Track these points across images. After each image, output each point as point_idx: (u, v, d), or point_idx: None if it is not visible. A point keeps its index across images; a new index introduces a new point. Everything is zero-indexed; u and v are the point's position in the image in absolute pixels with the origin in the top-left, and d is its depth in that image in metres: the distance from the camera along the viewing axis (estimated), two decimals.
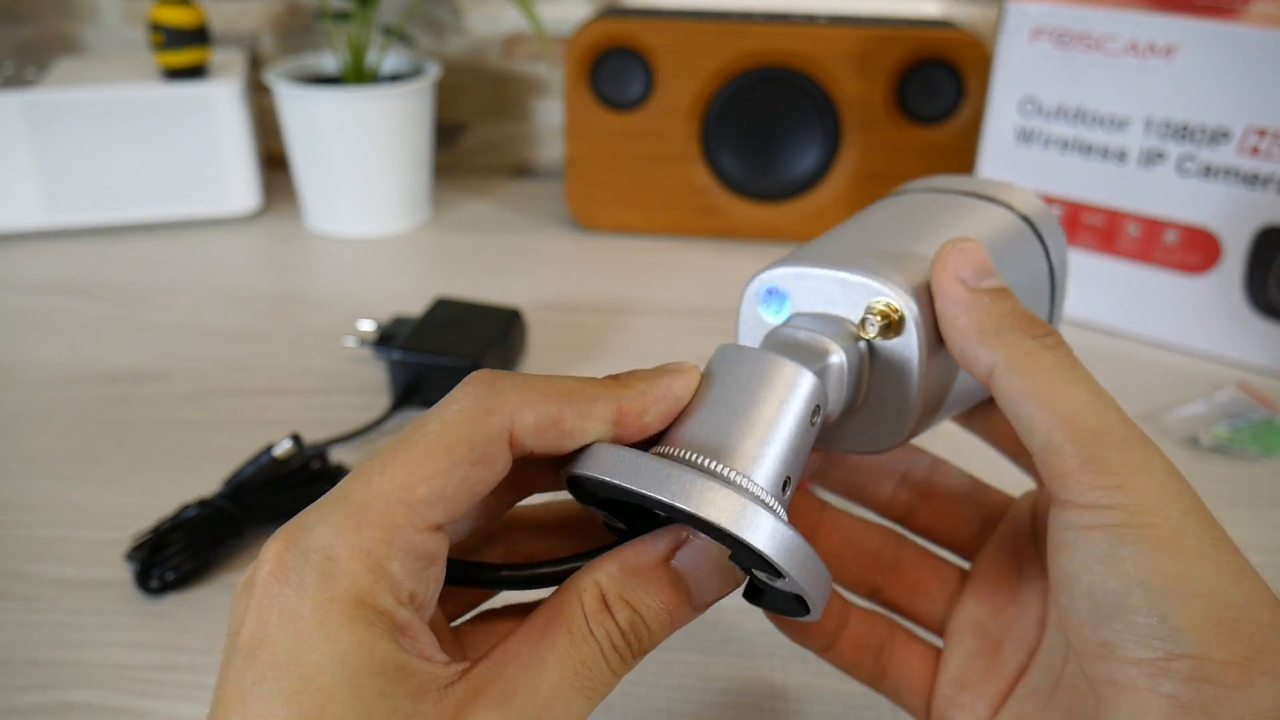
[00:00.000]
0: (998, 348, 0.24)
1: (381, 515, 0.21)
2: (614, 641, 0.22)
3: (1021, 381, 0.23)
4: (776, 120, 0.70)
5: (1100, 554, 0.22)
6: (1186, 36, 0.54)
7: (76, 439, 0.49)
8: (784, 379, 0.24)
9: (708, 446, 0.23)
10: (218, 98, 0.71)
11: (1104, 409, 0.23)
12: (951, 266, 0.25)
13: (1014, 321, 0.24)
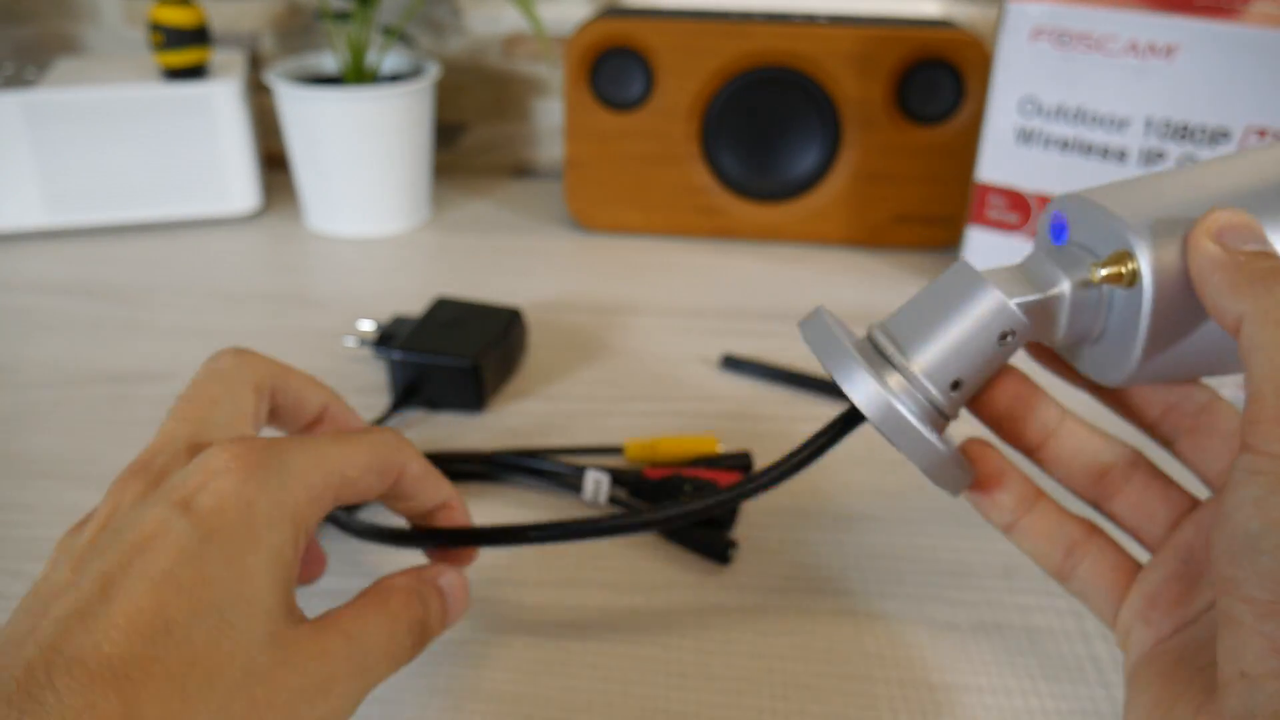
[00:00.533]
0: (1248, 298, 0.25)
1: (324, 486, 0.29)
2: (411, 626, 0.30)
3: (1261, 333, 0.24)
4: (776, 120, 0.70)
5: (1255, 497, 0.23)
6: (1187, 36, 0.54)
7: (76, 439, 0.49)
8: (977, 299, 0.28)
9: (897, 334, 0.29)
10: (218, 98, 0.71)
11: None
12: (1212, 227, 0.26)
13: (1270, 275, 0.25)
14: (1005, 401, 0.31)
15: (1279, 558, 0.23)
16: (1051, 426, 0.32)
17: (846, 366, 0.28)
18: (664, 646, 0.38)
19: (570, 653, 0.37)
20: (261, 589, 0.26)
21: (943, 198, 0.70)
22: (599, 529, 0.33)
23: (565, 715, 0.34)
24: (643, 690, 0.36)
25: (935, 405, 0.29)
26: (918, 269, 0.70)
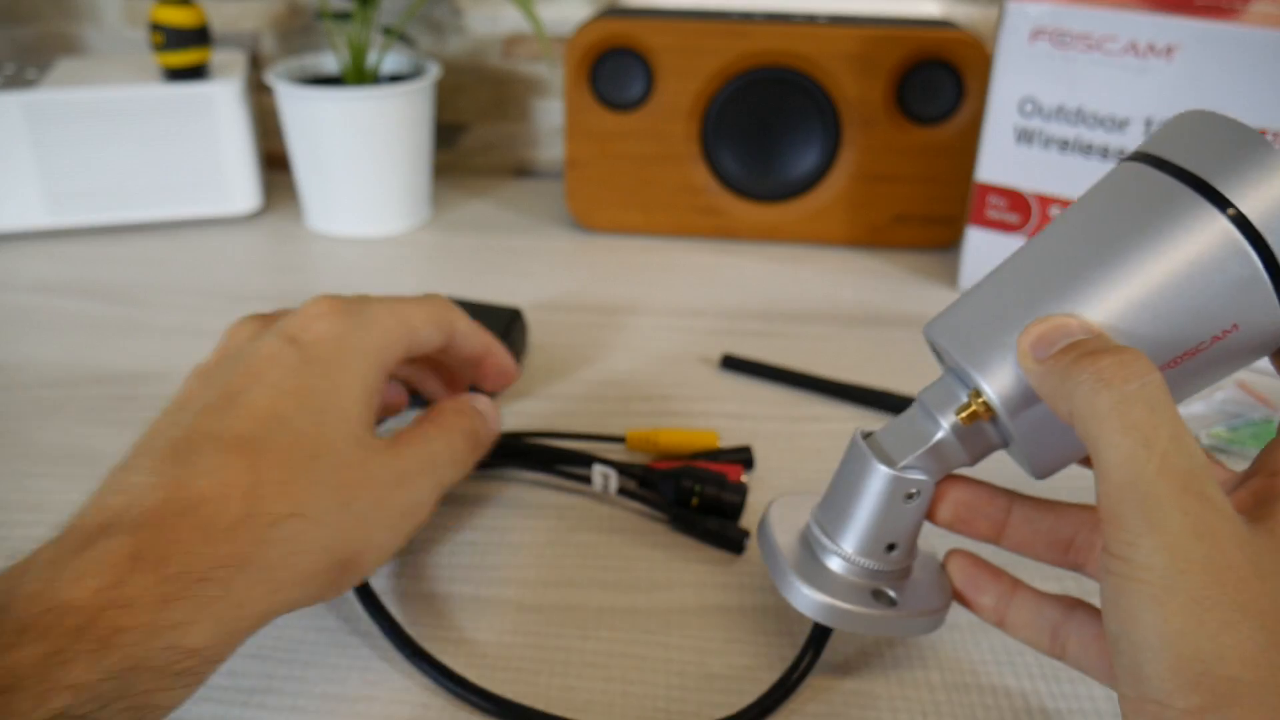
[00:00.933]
0: (1060, 401, 0.26)
1: (405, 325, 0.37)
2: (465, 436, 0.39)
3: (1079, 431, 0.26)
4: (776, 120, 0.70)
5: (1110, 598, 0.25)
6: (1186, 37, 0.54)
7: (77, 439, 0.49)
8: (872, 478, 0.31)
9: (825, 522, 0.34)
10: (218, 98, 0.71)
11: (1134, 460, 0.24)
12: (1026, 350, 0.28)
13: (1077, 371, 0.26)
14: (947, 515, 0.33)
15: (1134, 659, 0.24)
16: (1000, 517, 0.33)
17: (787, 583, 0.33)
18: (664, 646, 0.38)
19: (570, 653, 0.37)
20: (349, 402, 0.33)
21: (943, 198, 0.70)
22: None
23: (565, 715, 0.35)
24: (643, 690, 0.36)
25: (880, 571, 0.33)
26: (918, 269, 0.70)
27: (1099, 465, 0.25)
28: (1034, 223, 0.62)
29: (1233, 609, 0.23)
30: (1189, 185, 0.26)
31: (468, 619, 0.39)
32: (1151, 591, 0.24)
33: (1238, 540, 0.24)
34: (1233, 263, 0.26)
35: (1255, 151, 0.26)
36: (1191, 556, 0.24)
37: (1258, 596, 0.23)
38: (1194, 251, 0.26)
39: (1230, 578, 0.23)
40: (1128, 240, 0.27)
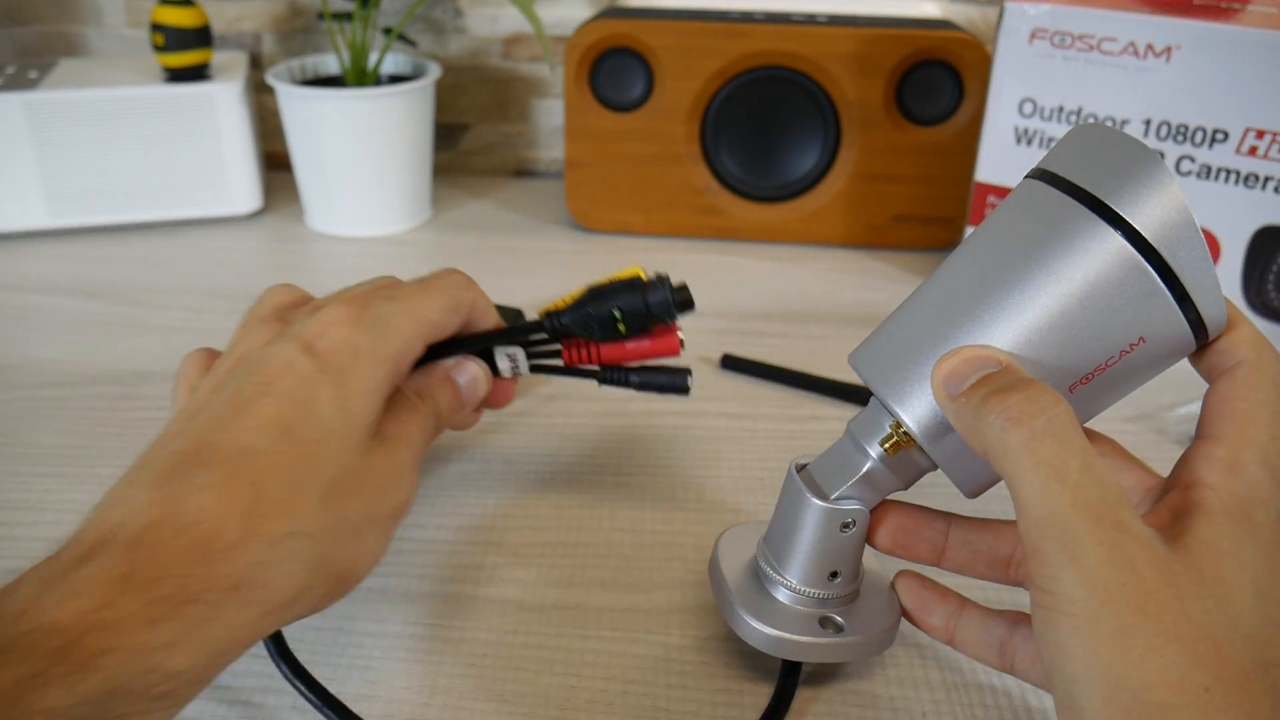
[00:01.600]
0: (977, 442, 0.27)
1: (421, 321, 0.37)
2: (428, 416, 0.37)
3: (994, 462, 0.26)
4: (776, 120, 0.70)
5: (1040, 632, 0.25)
6: (1185, 38, 0.54)
7: (78, 439, 0.50)
8: (807, 512, 0.32)
9: (771, 553, 0.35)
10: (219, 98, 0.71)
11: (1049, 494, 0.25)
12: (939, 387, 0.28)
13: (993, 403, 0.26)
14: (886, 540, 0.34)
15: (1066, 691, 0.25)
16: (939, 539, 0.34)
17: (734, 618, 0.34)
18: (664, 646, 0.38)
19: (570, 653, 0.37)
20: (359, 410, 0.33)
21: (942, 198, 0.71)
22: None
23: (565, 715, 0.35)
24: (643, 690, 0.36)
25: (827, 599, 0.34)
26: (918, 269, 0.70)
27: (1016, 501, 0.26)
28: None
29: (1156, 635, 0.24)
30: (1084, 204, 0.27)
31: (468, 618, 0.39)
32: (1077, 624, 0.24)
33: (1155, 564, 0.24)
34: (1131, 279, 0.26)
35: (1146, 167, 0.26)
36: (1111, 587, 0.24)
37: (1178, 620, 0.24)
38: (1094, 270, 0.27)
39: (1151, 604, 0.24)
40: (1030, 262, 0.27)
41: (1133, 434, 0.51)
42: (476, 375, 0.40)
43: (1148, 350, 0.27)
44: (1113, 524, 0.24)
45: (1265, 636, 0.25)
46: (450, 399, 0.39)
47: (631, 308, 0.38)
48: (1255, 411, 0.27)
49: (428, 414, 0.37)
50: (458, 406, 0.39)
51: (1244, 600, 0.25)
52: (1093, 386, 0.28)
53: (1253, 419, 0.27)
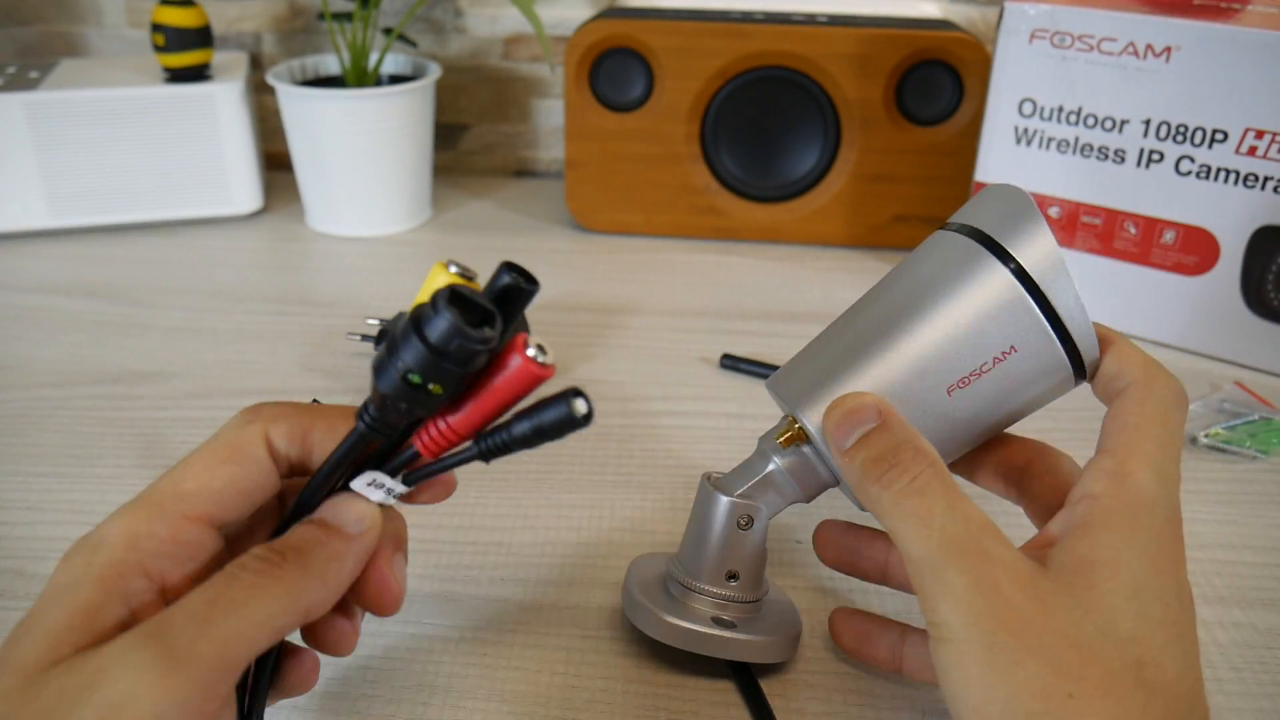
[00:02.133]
0: (861, 499, 0.30)
1: (152, 503, 0.26)
2: (243, 560, 0.26)
3: (880, 517, 0.29)
4: (776, 120, 0.70)
5: (933, 664, 0.27)
6: (1185, 38, 0.54)
7: (78, 438, 0.50)
8: (711, 506, 0.34)
9: (685, 561, 0.36)
10: (220, 98, 0.71)
11: (921, 539, 0.28)
12: (829, 437, 0.31)
13: (869, 471, 0.30)
14: (830, 554, 0.37)
15: (956, 712, 0.27)
16: (881, 558, 0.36)
17: (632, 607, 0.36)
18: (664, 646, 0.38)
19: (571, 652, 0.37)
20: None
21: (942, 198, 0.71)
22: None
23: (565, 715, 0.35)
24: (642, 690, 0.36)
25: (724, 599, 0.35)
26: None
27: (900, 549, 0.28)
28: None
29: (1018, 649, 0.26)
30: (968, 237, 0.32)
31: (469, 618, 0.39)
32: (953, 648, 0.26)
33: (1020, 584, 0.27)
34: (1000, 291, 0.31)
35: (1028, 215, 0.31)
36: (977, 609, 0.26)
37: (1042, 633, 0.26)
38: (969, 285, 0.31)
39: (1014, 621, 0.26)
40: (921, 282, 0.32)
41: None
42: (360, 514, 0.28)
43: (1021, 360, 0.31)
44: (977, 554, 0.27)
45: (1142, 636, 0.26)
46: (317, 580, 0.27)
47: (420, 359, 0.25)
48: (1144, 424, 0.29)
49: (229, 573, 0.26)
50: (330, 589, 0.27)
51: (1117, 605, 0.26)
52: (971, 390, 0.31)
53: (1141, 431, 0.29)
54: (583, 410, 0.25)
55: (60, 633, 0.24)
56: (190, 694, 0.23)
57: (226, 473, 0.27)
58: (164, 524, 0.26)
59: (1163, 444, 0.29)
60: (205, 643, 0.23)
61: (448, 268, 0.28)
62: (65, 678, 0.23)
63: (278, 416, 0.28)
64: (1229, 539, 0.44)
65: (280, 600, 0.25)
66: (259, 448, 0.28)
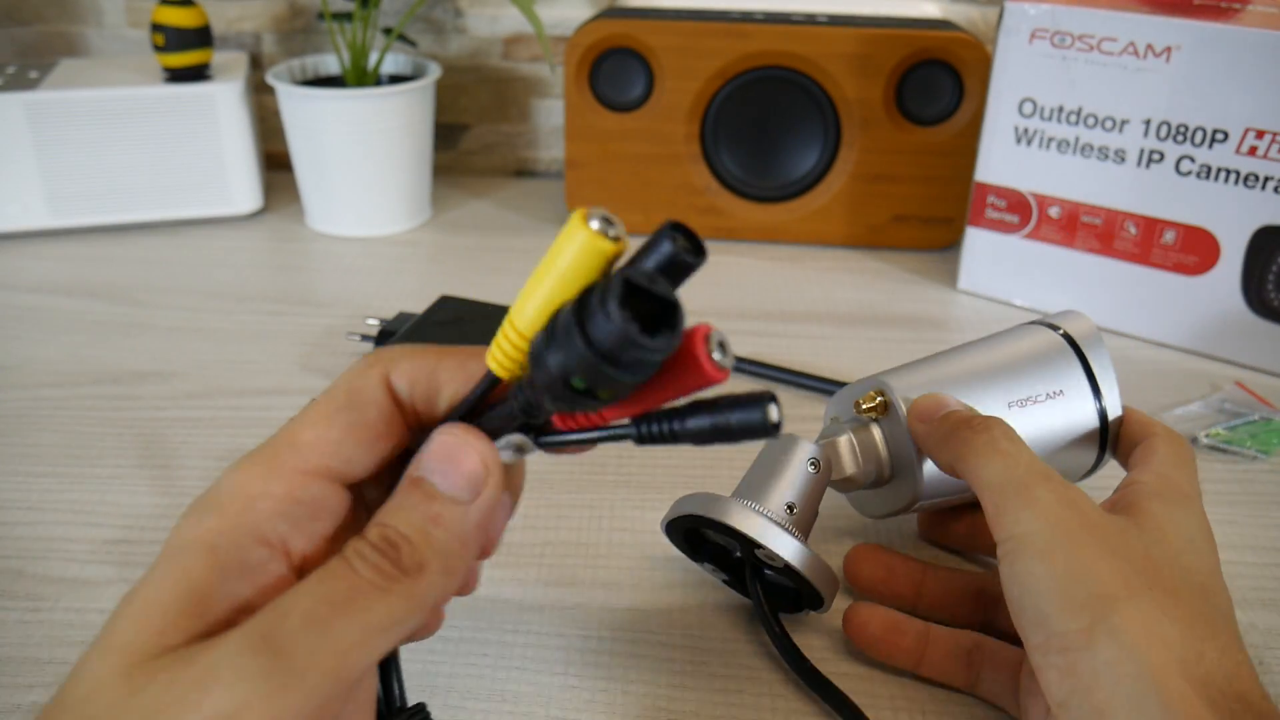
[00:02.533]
0: (944, 453, 0.35)
1: (268, 455, 0.24)
2: (360, 550, 0.23)
3: (962, 468, 0.33)
4: (776, 120, 0.70)
5: (1008, 572, 0.30)
6: (1185, 38, 0.54)
7: (78, 438, 0.50)
8: (789, 445, 0.38)
9: (747, 489, 0.38)
10: (219, 98, 0.71)
11: (1007, 468, 0.32)
12: (913, 416, 0.37)
13: (953, 428, 0.34)
14: (866, 575, 0.39)
15: (1034, 605, 0.29)
16: (917, 577, 0.39)
17: (695, 503, 0.37)
18: (664, 646, 0.38)
19: (570, 652, 0.37)
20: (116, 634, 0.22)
21: (942, 198, 0.71)
22: None
23: (565, 715, 0.35)
24: (642, 690, 0.36)
25: (785, 524, 0.36)
26: (917, 269, 0.70)
27: (980, 486, 0.32)
28: (1033, 223, 0.62)
29: (1100, 548, 0.29)
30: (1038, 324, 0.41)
31: (468, 618, 0.39)
32: (1037, 550, 0.29)
33: (1096, 509, 0.31)
34: (1062, 353, 0.39)
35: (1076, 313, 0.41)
36: (1063, 517, 0.30)
37: (1119, 544, 0.30)
38: (1041, 347, 0.40)
39: (1095, 529, 0.30)
40: (1003, 342, 0.41)
41: None
42: (463, 456, 0.24)
43: (1064, 403, 0.38)
44: (1059, 483, 0.31)
45: (1202, 569, 0.30)
46: (406, 512, 0.24)
47: (585, 364, 0.21)
48: (1168, 454, 0.35)
49: (341, 570, 0.23)
50: (428, 521, 0.23)
51: (1179, 546, 0.31)
52: (1025, 412, 0.38)
53: (1165, 456, 0.35)
54: (775, 419, 0.22)
55: (170, 615, 0.22)
56: (307, 709, 0.21)
57: (344, 419, 0.24)
58: (280, 481, 0.24)
59: (1187, 465, 0.35)
60: (324, 654, 0.21)
61: (588, 220, 0.22)
62: (173, 674, 0.21)
63: (399, 358, 0.25)
64: (1229, 539, 0.44)
65: (405, 603, 0.22)
66: (379, 391, 0.25)
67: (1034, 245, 0.63)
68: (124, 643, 0.22)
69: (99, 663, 0.22)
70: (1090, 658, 0.27)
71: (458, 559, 0.24)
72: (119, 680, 0.21)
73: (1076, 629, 0.28)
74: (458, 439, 0.24)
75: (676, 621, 0.39)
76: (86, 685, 0.21)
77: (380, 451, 0.25)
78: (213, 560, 0.23)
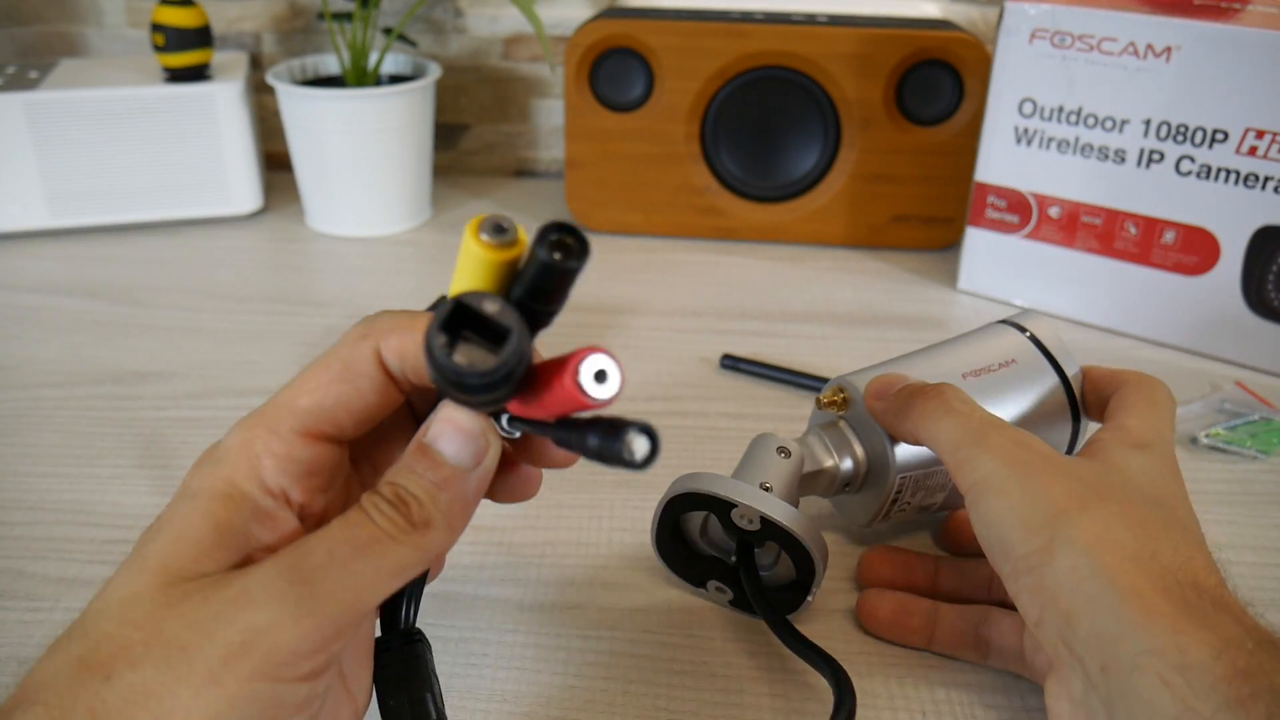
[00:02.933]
0: (904, 424, 0.36)
1: (269, 418, 0.27)
2: (378, 505, 0.25)
3: (921, 435, 0.35)
4: (776, 120, 0.70)
5: (974, 514, 0.32)
6: (1185, 38, 0.54)
7: (78, 438, 0.50)
8: (759, 440, 0.39)
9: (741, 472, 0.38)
10: (219, 98, 0.71)
11: (961, 425, 0.33)
12: (869, 394, 0.38)
13: (908, 398, 0.36)
14: (881, 573, 0.40)
15: (999, 538, 0.31)
16: (931, 568, 0.40)
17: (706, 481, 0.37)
18: (664, 646, 0.38)
19: (570, 652, 0.37)
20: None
21: (942, 198, 0.71)
22: None
23: (565, 715, 0.35)
24: (643, 690, 0.36)
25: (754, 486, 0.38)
26: (918, 269, 0.70)
27: (939, 445, 0.34)
28: (1033, 223, 0.62)
29: (1056, 474, 0.31)
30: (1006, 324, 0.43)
31: (468, 619, 0.39)
32: (997, 487, 0.31)
33: (1050, 449, 0.32)
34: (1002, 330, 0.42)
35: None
36: (1017, 456, 0.32)
37: (1073, 471, 0.31)
38: (988, 331, 0.42)
39: (1049, 460, 0.32)
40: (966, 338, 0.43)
41: None
42: (468, 430, 0.26)
43: (1018, 369, 0.40)
44: (1012, 429, 0.33)
45: (1162, 494, 0.32)
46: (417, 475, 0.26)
47: (444, 382, 0.24)
48: (1135, 400, 0.36)
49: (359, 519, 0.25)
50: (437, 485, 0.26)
51: (1137, 478, 0.32)
52: (981, 381, 0.40)
53: (1131, 403, 0.36)
54: (640, 455, 0.22)
55: (203, 546, 0.25)
56: (326, 633, 0.24)
57: (337, 391, 0.27)
58: (280, 441, 0.27)
59: (1154, 409, 0.35)
60: (344, 589, 0.24)
61: (479, 233, 0.24)
62: (207, 593, 0.24)
63: (390, 330, 0.27)
64: (1230, 539, 0.44)
65: (413, 553, 0.25)
66: (370, 364, 0.27)
67: (1034, 245, 0.63)
68: (159, 564, 0.25)
69: (136, 578, 0.25)
70: (1052, 570, 0.29)
71: (459, 518, 0.26)
72: (157, 592, 0.24)
73: (1037, 547, 0.29)
74: (463, 413, 0.26)
75: (676, 621, 0.39)
76: (123, 594, 0.24)
77: (374, 416, 0.28)
78: (230, 504, 0.26)
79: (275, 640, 0.23)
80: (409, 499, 0.26)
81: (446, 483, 0.26)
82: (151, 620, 0.24)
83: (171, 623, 0.24)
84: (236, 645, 0.23)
